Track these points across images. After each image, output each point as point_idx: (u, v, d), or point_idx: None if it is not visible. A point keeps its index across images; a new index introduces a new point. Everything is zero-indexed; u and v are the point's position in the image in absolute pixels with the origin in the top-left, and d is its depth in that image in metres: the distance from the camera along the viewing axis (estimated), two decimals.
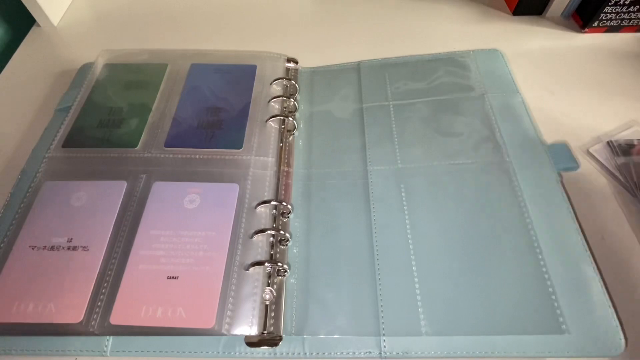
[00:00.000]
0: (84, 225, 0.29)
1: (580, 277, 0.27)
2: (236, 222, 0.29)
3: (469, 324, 0.26)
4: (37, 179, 0.32)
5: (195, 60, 0.40)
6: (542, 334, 0.25)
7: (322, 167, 0.34)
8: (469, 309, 0.26)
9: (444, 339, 0.25)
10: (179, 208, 0.30)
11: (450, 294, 0.27)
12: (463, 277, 0.27)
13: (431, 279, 0.27)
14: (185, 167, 0.32)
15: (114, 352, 0.26)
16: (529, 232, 0.29)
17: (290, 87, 0.39)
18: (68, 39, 0.47)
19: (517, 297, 0.26)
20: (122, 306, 0.26)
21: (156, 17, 0.49)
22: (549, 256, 0.28)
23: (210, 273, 0.27)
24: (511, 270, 0.27)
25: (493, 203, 0.30)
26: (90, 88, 0.38)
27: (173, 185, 0.31)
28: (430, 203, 0.31)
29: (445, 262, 0.28)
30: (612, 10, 0.41)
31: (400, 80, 0.39)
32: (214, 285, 0.27)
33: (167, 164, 0.33)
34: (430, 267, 0.28)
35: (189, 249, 0.28)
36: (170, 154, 0.33)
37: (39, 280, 0.27)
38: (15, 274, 0.27)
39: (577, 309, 0.26)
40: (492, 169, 0.32)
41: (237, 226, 0.29)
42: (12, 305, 0.26)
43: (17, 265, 0.28)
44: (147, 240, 0.29)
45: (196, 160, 0.33)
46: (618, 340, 0.25)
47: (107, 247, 0.28)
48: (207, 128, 0.35)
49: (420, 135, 0.35)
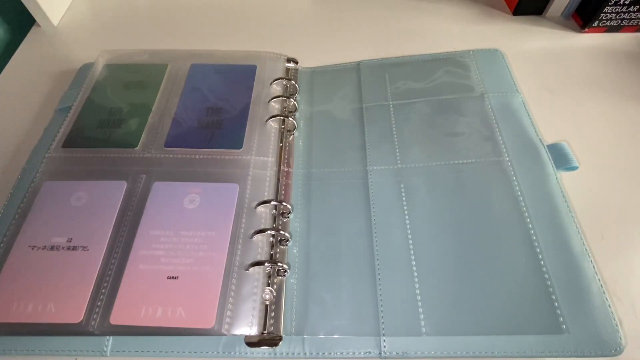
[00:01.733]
0: (83, 225, 0.29)
1: (580, 277, 0.27)
2: (236, 222, 0.29)
3: (469, 324, 0.26)
4: (37, 179, 0.32)
5: (195, 61, 0.40)
6: (542, 334, 0.25)
7: (322, 167, 0.34)
8: (469, 308, 0.26)
9: (444, 339, 0.25)
10: (179, 208, 0.30)
11: (450, 294, 0.27)
12: (463, 277, 0.27)
13: (431, 278, 0.27)
14: (185, 167, 0.32)
15: (113, 352, 0.26)
16: (528, 232, 0.29)
17: (290, 87, 0.39)
18: (68, 39, 0.47)
19: (517, 297, 0.26)
20: (122, 306, 0.26)
21: (156, 17, 0.49)
22: (549, 256, 0.27)
23: (210, 273, 0.27)
24: (511, 270, 0.27)
25: (493, 203, 0.30)
26: (91, 88, 0.38)
27: (173, 186, 0.31)
28: (430, 203, 0.31)
29: (445, 261, 0.28)
30: (612, 10, 0.41)
31: (400, 80, 0.39)
32: (213, 285, 0.26)
33: (167, 164, 0.33)
34: (430, 267, 0.28)
35: (189, 249, 0.28)
36: (170, 154, 0.33)
37: (38, 280, 0.27)
38: (15, 274, 0.27)
39: (577, 309, 0.26)
40: (492, 169, 0.32)
41: (237, 226, 0.29)
42: (11, 305, 0.26)
43: (17, 265, 0.28)
44: (147, 240, 0.29)
45: (196, 160, 0.33)
46: (618, 341, 0.24)
47: (107, 247, 0.28)
48: (207, 128, 0.35)
49: (420, 135, 0.35)
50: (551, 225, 0.29)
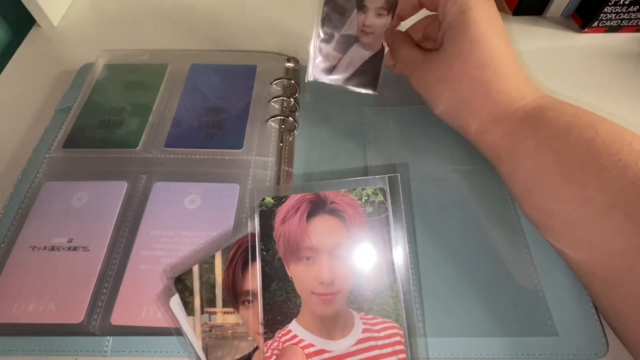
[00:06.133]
0: (84, 226, 0.29)
1: (567, 281, 0.27)
2: (237, 222, 0.29)
3: (466, 325, 0.26)
4: (37, 179, 0.32)
5: (196, 61, 0.40)
6: (533, 336, 0.25)
7: (322, 167, 0.34)
8: (466, 310, 0.26)
9: (441, 340, 0.25)
10: (179, 208, 0.30)
11: (448, 296, 0.27)
12: (460, 280, 0.27)
13: (429, 281, 0.28)
14: (185, 168, 0.32)
15: (114, 352, 0.26)
16: (523, 235, 0.29)
17: (290, 87, 0.39)
18: (68, 39, 0.47)
19: (511, 300, 0.27)
20: (123, 306, 0.26)
21: (156, 17, 0.49)
22: (538, 260, 0.28)
23: None
24: (506, 273, 0.28)
25: (490, 207, 0.30)
26: (91, 88, 0.38)
27: (173, 186, 0.31)
28: (429, 206, 0.31)
29: (444, 264, 0.28)
30: (612, 10, 0.41)
31: (400, 84, 0.39)
32: None
33: (168, 164, 0.33)
34: (429, 270, 0.28)
35: (189, 249, 0.28)
36: (170, 154, 0.33)
37: (39, 281, 0.27)
38: (16, 274, 0.27)
39: (565, 311, 0.26)
40: (489, 173, 0.32)
41: (238, 226, 0.29)
42: (12, 305, 0.26)
43: (18, 266, 0.28)
44: (148, 240, 0.29)
45: (197, 160, 0.33)
46: (601, 343, 0.25)
47: (107, 248, 0.28)
48: (208, 128, 0.35)
49: (419, 139, 0.35)
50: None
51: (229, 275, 0.25)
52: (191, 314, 0.25)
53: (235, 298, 0.24)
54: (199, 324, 0.24)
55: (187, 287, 0.25)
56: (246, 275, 0.24)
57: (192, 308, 0.25)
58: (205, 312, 0.24)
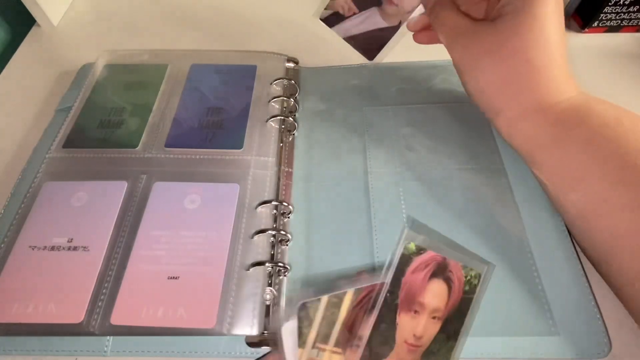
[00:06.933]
0: (84, 226, 0.29)
1: (569, 280, 0.27)
2: (237, 222, 0.29)
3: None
4: (37, 179, 0.32)
5: (196, 61, 0.40)
6: (534, 336, 0.25)
7: (322, 167, 0.34)
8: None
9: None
10: (179, 208, 0.30)
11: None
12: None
13: None
14: (185, 168, 0.32)
15: (114, 352, 0.26)
16: (524, 235, 0.29)
17: (290, 87, 0.39)
18: (68, 39, 0.47)
19: (512, 299, 0.27)
20: (123, 306, 0.26)
21: (156, 17, 0.49)
22: (540, 260, 0.28)
23: (211, 273, 0.27)
24: (506, 272, 0.28)
25: (490, 207, 0.30)
26: (91, 88, 0.38)
27: (173, 186, 0.31)
28: (428, 206, 0.31)
29: None
30: (612, 10, 0.41)
31: (401, 84, 0.39)
32: (214, 286, 0.26)
33: (168, 164, 0.33)
34: None
35: (189, 249, 0.28)
36: (170, 154, 0.33)
37: (39, 281, 0.27)
38: (16, 274, 0.27)
39: (566, 311, 0.26)
40: (489, 174, 0.32)
41: (237, 226, 0.29)
42: (12, 305, 0.26)
43: (18, 266, 0.28)
44: (148, 240, 0.29)
45: (197, 160, 0.33)
46: (603, 342, 0.25)
47: (107, 248, 0.28)
48: (208, 128, 0.35)
49: (419, 139, 0.35)
50: (542, 230, 0.29)
51: (354, 316, 0.25)
52: (302, 346, 0.24)
53: (348, 339, 0.24)
54: (305, 358, 0.23)
55: (308, 317, 0.24)
56: (367, 321, 0.24)
57: (305, 340, 0.24)
58: (316, 347, 0.24)
